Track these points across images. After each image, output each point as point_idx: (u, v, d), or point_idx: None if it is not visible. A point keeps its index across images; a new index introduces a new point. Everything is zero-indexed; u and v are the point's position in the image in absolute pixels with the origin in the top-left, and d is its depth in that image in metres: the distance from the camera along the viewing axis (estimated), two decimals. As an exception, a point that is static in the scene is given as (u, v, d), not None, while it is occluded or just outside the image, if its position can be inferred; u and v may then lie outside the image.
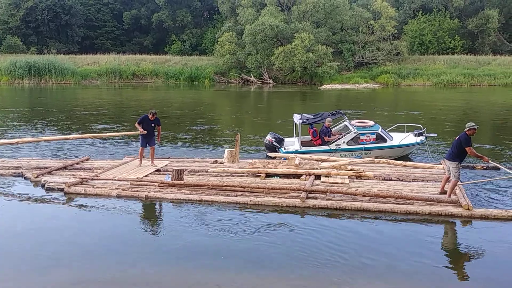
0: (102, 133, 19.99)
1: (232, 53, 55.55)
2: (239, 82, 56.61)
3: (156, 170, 13.07)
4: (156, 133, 13.78)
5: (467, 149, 10.00)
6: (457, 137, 10.36)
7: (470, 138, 10.13)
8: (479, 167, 13.29)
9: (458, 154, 10.17)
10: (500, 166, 11.40)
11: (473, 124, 10.23)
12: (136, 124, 13.47)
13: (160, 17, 71.63)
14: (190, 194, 11.04)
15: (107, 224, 9.53)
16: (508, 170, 10.66)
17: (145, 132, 13.31)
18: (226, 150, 14.13)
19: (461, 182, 11.21)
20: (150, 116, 13.35)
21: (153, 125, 13.48)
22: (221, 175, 12.55)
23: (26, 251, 8.16)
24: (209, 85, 54.38)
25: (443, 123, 23.51)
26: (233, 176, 12.51)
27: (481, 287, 7.01)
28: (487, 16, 58.34)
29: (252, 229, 9.09)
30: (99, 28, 75.29)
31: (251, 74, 55.67)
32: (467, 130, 10.13)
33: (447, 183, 10.58)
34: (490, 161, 10.70)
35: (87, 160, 14.48)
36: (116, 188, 11.44)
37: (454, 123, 23.60)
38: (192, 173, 12.78)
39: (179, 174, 11.69)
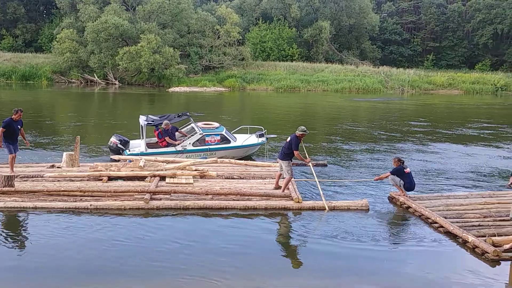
0: None
1: (73, 51, 52.19)
2: (81, 83, 53.51)
3: (-19, 178, 11.78)
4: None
5: (294, 152, 11.03)
6: (288, 138, 11.33)
7: (300, 141, 11.18)
8: (310, 164, 14.62)
9: (289, 154, 11.17)
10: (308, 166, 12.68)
11: (304, 128, 11.32)
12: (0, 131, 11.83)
13: (-14, 8, 64.12)
14: (22, 201, 10.23)
15: None
16: (315, 177, 11.71)
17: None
18: (64, 153, 13.37)
19: (294, 178, 12.25)
20: (14, 116, 11.89)
21: (19, 127, 12.11)
22: (58, 180, 11.85)
23: None
24: (47, 85, 50.34)
25: (283, 124, 25.30)
26: (72, 180, 11.91)
27: (308, 267, 7.83)
28: (320, 27, 64.10)
29: (92, 235, 8.80)
30: None
31: (95, 74, 53.04)
32: (298, 133, 11.15)
33: (280, 179, 11.51)
34: (312, 162, 11.82)
35: None
36: None
37: (292, 124, 25.52)
38: (25, 179, 11.83)
39: (8, 180, 10.74)
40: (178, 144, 15.05)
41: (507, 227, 8.75)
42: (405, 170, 11.21)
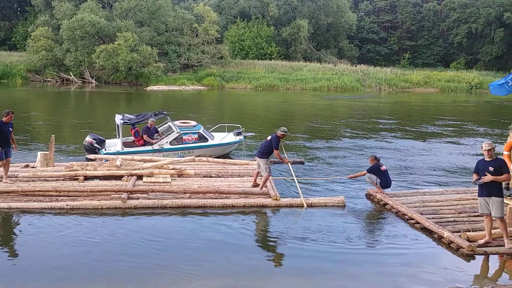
0: None
1: (48, 49, 51.23)
2: (57, 81, 52.57)
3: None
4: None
5: (274, 151, 11.09)
6: (269, 137, 11.37)
7: (280, 141, 11.23)
8: (287, 162, 14.67)
9: (267, 152, 11.23)
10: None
11: (286, 129, 11.43)
12: None
13: (-42, 6, 62.45)
14: (-5, 202, 10.01)
15: None
16: (293, 176, 11.83)
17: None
18: (39, 153, 13.14)
19: (272, 176, 12.28)
20: (5, 119, 11.14)
21: (10, 129, 11.33)
22: (33, 180, 11.63)
23: None
24: (21, 84, 49.32)
25: (260, 123, 25.33)
26: (48, 180, 11.70)
27: (287, 265, 7.85)
28: (298, 26, 64.36)
29: (68, 235, 8.67)
30: None
31: (71, 73, 52.17)
32: (279, 133, 11.21)
33: (258, 177, 11.54)
34: (290, 162, 12.02)
35: None
36: None
37: (269, 123, 25.59)
38: (-1, 179, 11.57)
39: (-19, 181, 10.49)
40: (155, 143, 14.92)
41: (481, 223, 8.90)
42: (381, 168, 11.34)
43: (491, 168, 8.20)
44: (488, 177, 8.18)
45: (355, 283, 7.33)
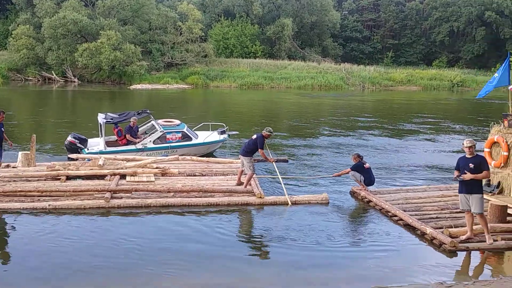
0: None
1: (29, 48, 50.52)
2: (39, 80, 51.88)
3: None
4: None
5: (259, 150, 11.12)
6: (254, 136, 11.39)
7: (265, 140, 11.25)
8: (272, 160, 14.69)
9: (251, 151, 11.25)
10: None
11: (271, 129, 11.52)
12: None
13: None
14: (-25, 203, 9.84)
15: None
16: (279, 175, 11.86)
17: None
18: (20, 153, 12.94)
19: (257, 174, 12.29)
20: None
21: (2, 130, 11.25)
22: (14, 180, 11.45)
23: None
24: (2, 83, 48.50)
25: (245, 121, 25.33)
26: (29, 180, 11.53)
27: (271, 263, 7.86)
28: (282, 24, 64.42)
29: (51, 235, 8.57)
30: None
31: (53, 72, 51.49)
32: (265, 133, 11.25)
33: (242, 175, 11.54)
34: (274, 161, 12.02)
35: None
36: None
37: (253, 121, 25.59)
38: (-21, 180, 11.37)
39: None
40: (138, 142, 14.81)
41: (463, 219, 9.02)
42: (364, 165, 11.42)
43: (471, 165, 8.31)
44: (467, 176, 8.31)
45: (339, 280, 7.37)
